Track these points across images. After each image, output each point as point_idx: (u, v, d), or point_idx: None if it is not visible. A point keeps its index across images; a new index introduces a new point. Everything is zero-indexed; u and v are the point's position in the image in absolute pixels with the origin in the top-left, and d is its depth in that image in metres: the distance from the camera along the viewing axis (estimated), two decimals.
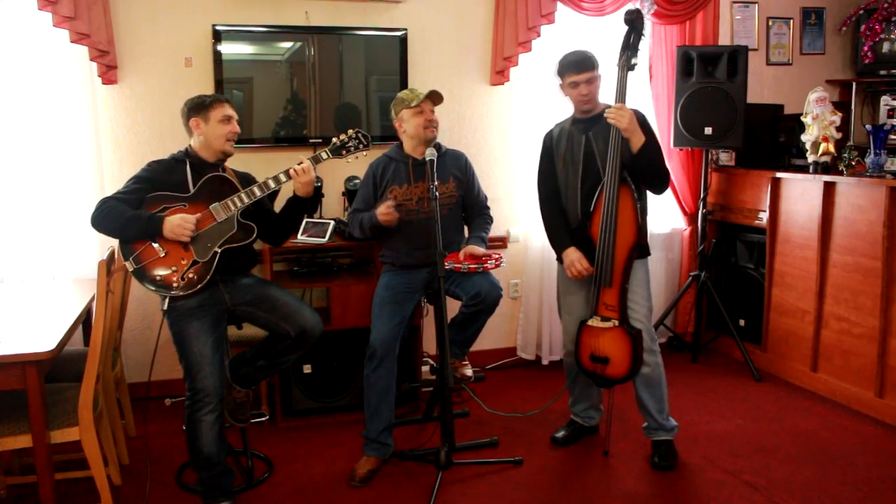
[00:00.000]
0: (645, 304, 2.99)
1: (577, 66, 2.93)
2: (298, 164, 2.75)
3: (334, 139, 2.88)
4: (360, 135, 2.87)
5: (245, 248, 2.77)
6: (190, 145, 2.78)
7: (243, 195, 2.70)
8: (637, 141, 2.80)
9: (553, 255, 4.18)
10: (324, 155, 2.82)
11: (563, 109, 4.08)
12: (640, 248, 2.94)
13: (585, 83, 2.93)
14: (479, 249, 3.13)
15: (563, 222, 3.08)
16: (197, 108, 2.73)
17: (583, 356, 3.02)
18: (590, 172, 2.96)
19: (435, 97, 3.18)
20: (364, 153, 2.89)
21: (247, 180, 2.85)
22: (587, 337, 3.00)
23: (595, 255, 2.92)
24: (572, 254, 3.00)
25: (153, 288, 2.62)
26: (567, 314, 3.15)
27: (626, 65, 2.86)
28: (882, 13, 4.55)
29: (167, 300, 2.63)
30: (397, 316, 3.07)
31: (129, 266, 2.61)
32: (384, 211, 3.04)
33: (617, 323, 2.93)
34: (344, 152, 2.86)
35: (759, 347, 4.25)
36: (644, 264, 3.02)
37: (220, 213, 2.67)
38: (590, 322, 2.98)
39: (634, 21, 2.84)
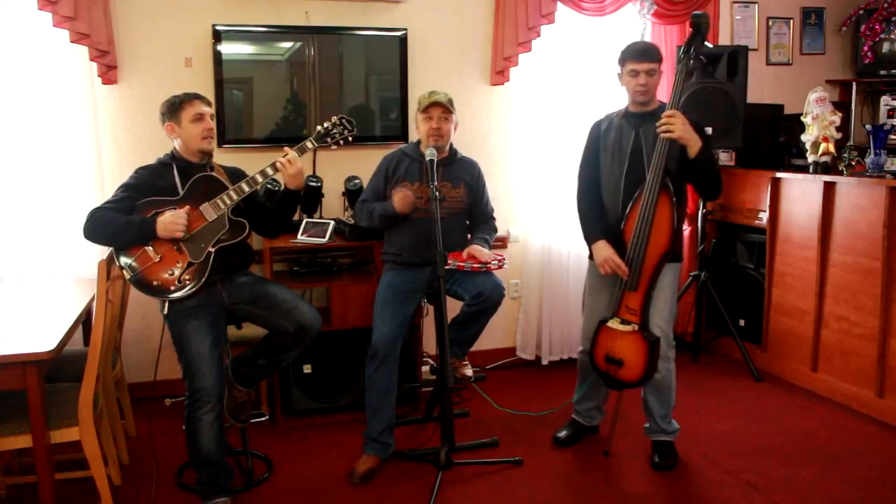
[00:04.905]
0: (667, 310, 2.95)
1: (640, 55, 2.88)
2: (283, 157, 2.73)
3: (318, 127, 2.85)
4: (343, 121, 2.84)
5: (239, 245, 2.75)
6: (175, 148, 2.76)
7: (232, 193, 2.68)
8: (695, 146, 2.75)
9: (553, 256, 4.29)
10: (309, 144, 2.79)
11: (563, 109, 4.13)
12: (673, 254, 2.90)
13: (645, 73, 2.86)
14: (484, 251, 3.13)
15: (598, 214, 3.03)
16: (169, 111, 2.71)
17: (598, 356, 3.01)
18: (634, 168, 2.91)
19: (439, 106, 3.14)
20: (350, 139, 2.86)
21: (236, 175, 2.84)
22: (604, 338, 2.98)
23: (625, 257, 2.89)
24: (603, 250, 2.94)
25: (152, 294, 2.61)
26: (589, 312, 3.13)
27: (686, 68, 2.82)
28: (882, 13, 4.56)
29: (166, 304, 2.62)
30: (399, 315, 3.07)
31: (126, 274, 2.61)
32: (400, 199, 3.04)
33: (637, 328, 2.90)
34: (329, 139, 2.84)
35: (759, 347, 4.25)
36: (674, 269, 2.98)
37: (210, 213, 2.66)
38: (609, 323, 2.96)
39: (701, 24, 2.78)
